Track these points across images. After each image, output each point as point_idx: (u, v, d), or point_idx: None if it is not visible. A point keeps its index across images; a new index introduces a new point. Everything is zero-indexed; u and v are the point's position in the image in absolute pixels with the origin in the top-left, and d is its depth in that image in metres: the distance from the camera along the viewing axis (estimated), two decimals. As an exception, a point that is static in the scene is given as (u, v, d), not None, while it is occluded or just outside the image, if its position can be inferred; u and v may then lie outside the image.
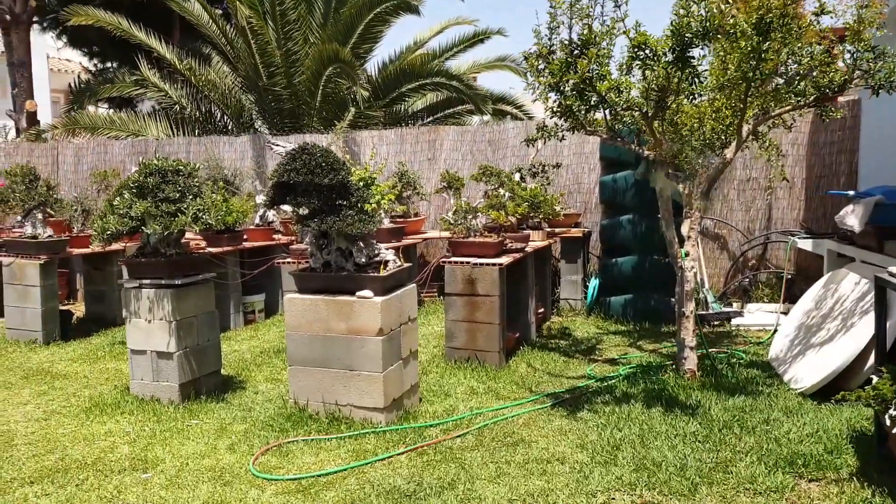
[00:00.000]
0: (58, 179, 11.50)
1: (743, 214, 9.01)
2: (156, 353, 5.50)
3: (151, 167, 5.40)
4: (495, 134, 10.17)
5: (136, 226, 5.37)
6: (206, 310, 5.75)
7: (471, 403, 5.41)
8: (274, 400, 5.56)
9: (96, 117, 12.88)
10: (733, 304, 8.66)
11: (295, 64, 12.69)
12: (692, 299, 5.92)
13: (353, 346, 4.85)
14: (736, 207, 9.00)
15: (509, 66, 14.16)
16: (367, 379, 4.83)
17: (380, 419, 4.84)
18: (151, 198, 5.33)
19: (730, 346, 7.05)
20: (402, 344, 5.10)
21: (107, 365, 6.78)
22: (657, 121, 5.39)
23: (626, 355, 6.80)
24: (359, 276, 4.90)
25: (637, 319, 8.08)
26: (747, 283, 8.77)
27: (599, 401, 5.39)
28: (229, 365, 6.65)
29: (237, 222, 8.36)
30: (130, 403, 5.48)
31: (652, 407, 5.17)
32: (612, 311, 8.28)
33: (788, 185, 8.72)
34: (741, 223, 9.01)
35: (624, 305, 8.20)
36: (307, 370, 5.01)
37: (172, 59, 12.82)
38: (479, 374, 6.13)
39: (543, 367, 6.39)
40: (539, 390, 5.74)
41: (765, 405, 5.15)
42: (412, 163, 10.31)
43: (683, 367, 5.86)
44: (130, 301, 5.53)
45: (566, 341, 7.43)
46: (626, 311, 8.16)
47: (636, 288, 8.15)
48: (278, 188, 5.01)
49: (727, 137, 5.77)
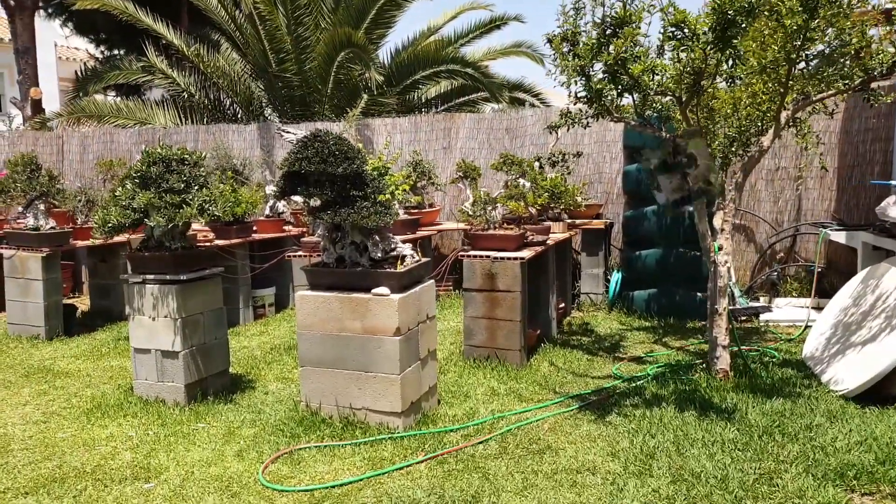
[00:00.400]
0: (63, 169, 11.25)
1: (771, 205, 8.65)
2: (160, 352, 5.23)
3: (155, 156, 5.11)
4: (513, 122, 9.82)
5: (139, 218, 5.10)
6: (213, 306, 5.48)
7: (492, 406, 5.12)
8: (285, 401, 5.29)
9: (102, 105, 12.59)
10: (760, 298, 8.32)
11: (306, 50, 12.37)
12: (725, 295, 5.60)
13: (369, 346, 4.56)
14: (764, 198, 8.64)
15: (525, 53, 13.77)
16: (384, 381, 4.55)
17: (397, 424, 4.56)
18: (155, 188, 5.05)
19: (759, 343, 6.73)
20: (420, 344, 4.81)
21: (111, 362, 6.53)
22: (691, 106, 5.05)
23: (652, 353, 6.49)
24: (374, 272, 4.61)
25: (662, 315, 7.76)
26: (775, 276, 8.42)
27: (628, 403, 5.09)
28: (238, 363, 6.39)
29: (246, 213, 8.10)
30: (134, 405, 5.22)
31: (685, 410, 4.86)
32: (635, 306, 7.96)
33: (819, 176, 8.35)
34: (769, 214, 8.65)
35: (648, 300, 7.88)
36: (320, 371, 4.73)
37: (180, 45, 12.51)
38: (499, 373, 5.84)
39: (566, 366, 6.09)
40: (563, 391, 5.44)
41: (805, 409, 4.83)
42: (426, 152, 9.99)
43: (715, 366, 5.54)
44: (134, 297, 5.26)
45: (589, 338, 7.12)
46: (650, 307, 7.84)
47: (661, 282, 7.82)
48: (289, 178, 4.71)
49: (764, 124, 5.43)
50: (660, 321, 7.67)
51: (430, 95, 14.02)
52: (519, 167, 7.09)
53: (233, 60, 13.71)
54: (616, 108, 5.80)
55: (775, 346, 6.60)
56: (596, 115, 5.83)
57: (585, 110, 5.94)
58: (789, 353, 6.32)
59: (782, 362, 6.03)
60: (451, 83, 13.71)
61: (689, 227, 7.37)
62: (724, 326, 5.55)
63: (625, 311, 8.05)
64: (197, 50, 12.49)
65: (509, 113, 10.03)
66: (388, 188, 4.96)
